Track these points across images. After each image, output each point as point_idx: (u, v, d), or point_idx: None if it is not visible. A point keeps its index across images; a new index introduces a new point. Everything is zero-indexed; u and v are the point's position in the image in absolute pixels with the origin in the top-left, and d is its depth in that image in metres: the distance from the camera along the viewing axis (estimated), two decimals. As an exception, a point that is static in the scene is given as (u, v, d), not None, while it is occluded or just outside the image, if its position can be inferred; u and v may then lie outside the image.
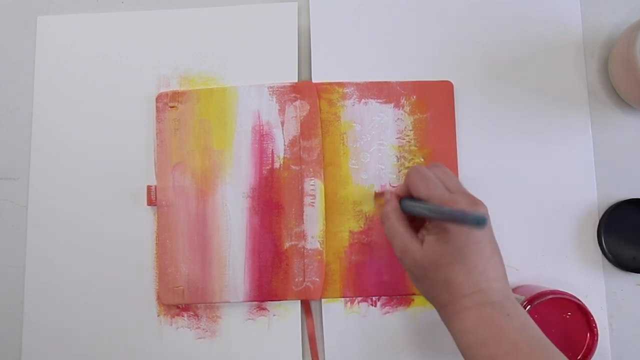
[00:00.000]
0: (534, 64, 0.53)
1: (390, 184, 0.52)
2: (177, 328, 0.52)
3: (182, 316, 0.52)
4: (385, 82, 0.53)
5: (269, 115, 0.52)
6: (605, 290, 0.51)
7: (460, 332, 0.40)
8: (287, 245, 0.51)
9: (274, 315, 0.52)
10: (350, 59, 0.54)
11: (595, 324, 0.46)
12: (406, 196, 0.45)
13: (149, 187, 0.52)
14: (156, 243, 0.52)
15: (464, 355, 0.40)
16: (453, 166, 0.52)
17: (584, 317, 0.46)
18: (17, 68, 0.55)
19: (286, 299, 0.51)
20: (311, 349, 0.51)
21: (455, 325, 0.40)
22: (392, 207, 0.45)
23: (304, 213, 0.51)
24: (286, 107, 0.52)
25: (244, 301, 0.51)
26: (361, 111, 0.53)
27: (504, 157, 0.53)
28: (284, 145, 0.52)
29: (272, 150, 0.52)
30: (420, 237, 0.42)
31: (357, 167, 0.52)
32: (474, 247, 0.40)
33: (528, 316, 0.40)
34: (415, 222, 0.45)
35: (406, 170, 0.52)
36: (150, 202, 0.52)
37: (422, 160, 0.52)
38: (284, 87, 0.53)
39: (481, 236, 0.40)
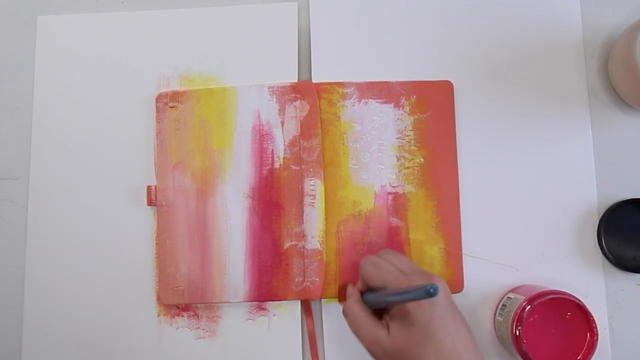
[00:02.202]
0: (534, 64, 0.53)
1: (390, 184, 0.52)
2: (177, 328, 0.52)
3: (182, 316, 0.52)
4: (385, 82, 0.53)
5: (269, 115, 0.52)
6: (605, 290, 0.51)
7: None
8: (287, 245, 0.51)
9: (274, 315, 0.52)
10: (350, 59, 0.54)
11: (595, 324, 0.46)
12: (365, 290, 0.46)
13: (149, 187, 0.52)
14: (156, 243, 0.52)
15: None
16: (453, 166, 0.52)
17: (584, 317, 0.46)
18: (17, 68, 0.55)
19: (286, 299, 0.51)
20: (311, 349, 0.51)
21: None
22: (354, 299, 0.45)
23: (304, 213, 0.51)
24: (286, 107, 0.52)
25: (244, 301, 0.51)
26: (361, 111, 0.53)
27: (504, 157, 0.53)
28: (284, 145, 0.52)
29: (272, 150, 0.52)
30: (384, 324, 0.43)
31: (357, 167, 0.52)
32: (439, 322, 0.40)
33: None
34: (377, 312, 0.45)
35: (406, 171, 0.52)
36: (150, 202, 0.52)
37: (422, 160, 0.52)
38: (284, 87, 0.53)
39: (442, 311, 0.41)
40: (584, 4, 0.54)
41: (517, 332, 0.46)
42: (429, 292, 0.37)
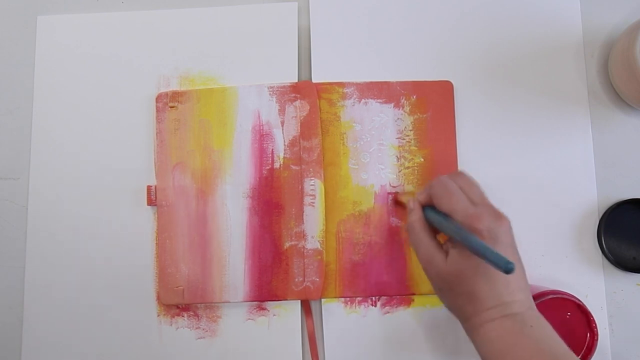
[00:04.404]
0: (534, 64, 0.53)
1: (390, 184, 0.52)
2: (177, 328, 0.52)
3: (182, 316, 0.52)
4: (385, 82, 0.53)
5: (269, 115, 0.52)
6: (605, 290, 0.51)
7: (484, 343, 0.41)
8: (287, 245, 0.51)
9: (274, 315, 0.52)
10: (350, 59, 0.54)
11: (595, 324, 0.46)
12: (429, 205, 0.45)
13: (149, 187, 0.52)
14: (156, 243, 0.52)
15: None
16: (453, 166, 0.52)
17: (584, 317, 0.46)
18: (17, 68, 0.55)
19: (286, 299, 0.51)
20: (311, 349, 0.51)
21: (479, 336, 0.41)
22: (417, 216, 0.45)
23: (304, 213, 0.51)
24: (286, 107, 0.52)
25: (244, 301, 0.51)
26: (361, 111, 0.53)
27: (504, 157, 0.53)
28: (284, 145, 0.52)
29: (272, 150, 0.52)
30: (445, 249, 0.43)
31: (357, 167, 0.52)
32: None
33: (550, 326, 0.40)
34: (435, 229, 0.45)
35: (406, 171, 0.52)
36: (150, 202, 0.52)
37: (422, 160, 0.52)
38: (284, 87, 0.53)
39: (504, 250, 0.40)
40: (584, 4, 0.54)
41: (517, 332, 0.46)
42: (507, 270, 0.36)
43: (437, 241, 0.44)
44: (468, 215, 0.41)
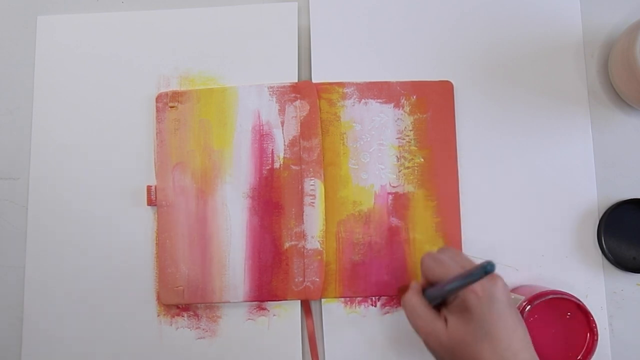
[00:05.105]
0: (534, 64, 0.53)
1: (390, 184, 0.52)
2: (177, 328, 0.52)
3: (182, 316, 0.52)
4: (385, 82, 0.53)
5: (269, 115, 0.52)
6: (605, 290, 0.51)
7: None
8: (287, 245, 0.51)
9: (274, 315, 0.52)
10: (350, 59, 0.54)
11: (595, 324, 0.46)
12: (426, 286, 0.45)
13: (149, 187, 0.52)
14: (156, 243, 0.52)
15: None
16: (453, 166, 0.52)
17: (584, 317, 0.46)
18: (17, 68, 0.55)
19: (286, 299, 0.51)
20: (311, 349, 0.51)
21: None
22: (414, 291, 0.45)
23: (304, 213, 0.51)
24: (286, 107, 0.52)
25: (244, 301, 0.51)
26: (361, 111, 0.53)
27: (504, 157, 0.53)
28: (284, 145, 0.52)
29: (272, 150, 0.52)
30: (442, 317, 0.42)
31: (357, 167, 0.52)
32: (497, 320, 0.40)
33: None
34: (435, 308, 0.44)
35: (406, 171, 0.52)
36: (150, 202, 0.52)
37: (422, 160, 0.52)
38: (284, 87, 0.53)
39: (502, 308, 0.40)
40: (584, 4, 0.54)
41: (517, 332, 0.46)
42: (486, 269, 0.37)
43: (435, 312, 0.43)
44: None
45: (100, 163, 0.53)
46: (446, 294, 0.42)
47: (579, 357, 0.46)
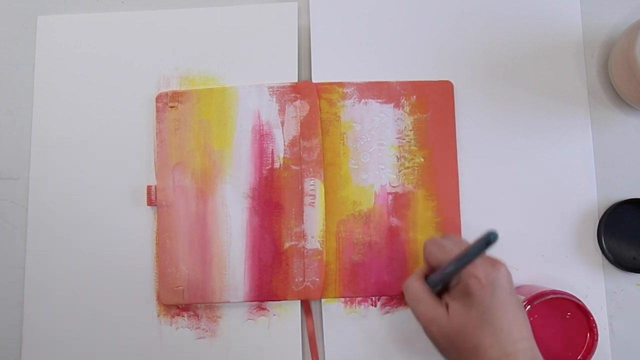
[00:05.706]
0: (534, 64, 0.53)
1: (390, 184, 0.52)
2: (177, 328, 0.52)
3: (182, 316, 0.52)
4: (385, 82, 0.53)
5: (269, 115, 0.52)
6: (605, 290, 0.51)
7: None
8: (287, 245, 0.51)
9: (274, 315, 0.52)
10: (350, 59, 0.54)
11: (595, 324, 0.46)
12: (429, 273, 0.45)
13: (149, 187, 0.52)
14: (156, 243, 0.52)
15: None
16: (453, 166, 0.52)
17: (584, 317, 0.46)
18: (17, 68, 0.55)
19: (286, 299, 0.51)
20: (311, 349, 0.51)
21: None
22: (416, 276, 0.44)
23: (304, 213, 0.51)
24: (286, 107, 0.52)
25: (244, 301, 0.51)
26: (361, 111, 0.53)
27: (504, 157, 0.53)
28: (284, 145, 0.52)
29: (272, 150, 0.52)
30: (443, 303, 0.42)
31: (357, 167, 0.52)
32: (499, 307, 0.40)
33: None
34: (437, 294, 0.44)
35: (406, 171, 0.52)
36: (150, 202, 0.52)
37: (422, 160, 0.52)
38: (284, 87, 0.53)
39: (504, 296, 0.40)
40: (584, 4, 0.54)
41: (517, 332, 0.46)
42: (489, 239, 0.36)
43: (436, 298, 0.43)
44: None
45: (100, 163, 0.53)
46: (449, 276, 0.42)
47: (579, 357, 0.46)
